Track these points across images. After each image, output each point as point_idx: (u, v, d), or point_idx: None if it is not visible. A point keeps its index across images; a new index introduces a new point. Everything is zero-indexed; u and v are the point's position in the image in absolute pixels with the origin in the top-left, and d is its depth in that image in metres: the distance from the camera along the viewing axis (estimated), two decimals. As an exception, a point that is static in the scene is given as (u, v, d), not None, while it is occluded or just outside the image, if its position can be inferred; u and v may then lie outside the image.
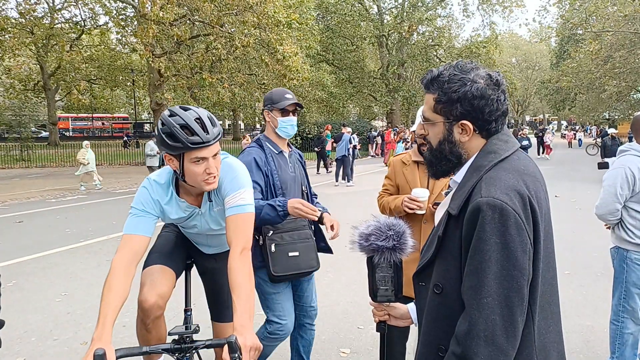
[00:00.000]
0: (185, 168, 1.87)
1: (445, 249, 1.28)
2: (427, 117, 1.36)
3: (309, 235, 2.74)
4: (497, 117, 1.29)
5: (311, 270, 2.71)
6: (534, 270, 1.19)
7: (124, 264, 1.84)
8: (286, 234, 2.64)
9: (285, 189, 2.70)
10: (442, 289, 1.27)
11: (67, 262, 6.27)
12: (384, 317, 1.60)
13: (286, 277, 2.63)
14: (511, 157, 1.28)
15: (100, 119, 51.69)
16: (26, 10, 19.14)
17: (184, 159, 1.86)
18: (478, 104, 1.26)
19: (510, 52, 63.00)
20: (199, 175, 1.88)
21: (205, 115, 1.88)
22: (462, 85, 1.27)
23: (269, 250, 2.59)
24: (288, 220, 2.63)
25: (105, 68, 31.32)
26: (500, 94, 1.29)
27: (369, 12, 35.43)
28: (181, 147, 1.82)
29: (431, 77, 1.33)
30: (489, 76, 1.29)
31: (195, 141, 1.81)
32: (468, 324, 1.16)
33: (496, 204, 1.15)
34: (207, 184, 1.92)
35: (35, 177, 18.32)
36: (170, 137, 1.82)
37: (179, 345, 1.80)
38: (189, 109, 1.87)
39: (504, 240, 1.14)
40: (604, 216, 3.01)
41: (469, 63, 1.32)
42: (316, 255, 2.75)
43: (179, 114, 1.84)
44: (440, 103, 1.30)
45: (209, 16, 16.42)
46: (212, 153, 1.88)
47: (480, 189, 1.21)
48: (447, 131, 1.32)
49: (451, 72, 1.30)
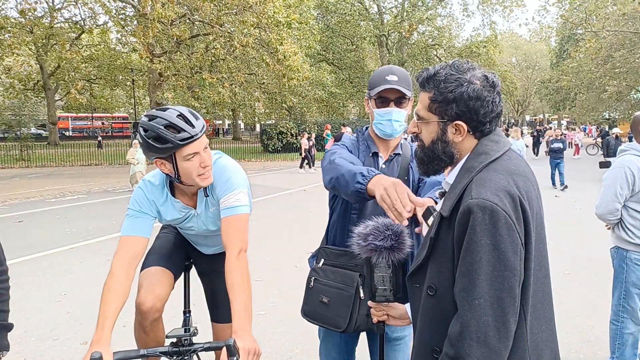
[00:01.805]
0: (180, 167, 1.85)
1: (437, 250, 1.28)
2: (421, 116, 1.35)
3: (353, 280, 1.88)
4: (491, 118, 1.29)
5: (334, 329, 1.93)
6: (526, 270, 1.19)
7: (123, 266, 1.83)
8: (331, 270, 1.96)
9: (361, 208, 1.97)
10: (435, 291, 1.28)
11: (67, 262, 6.27)
12: (383, 317, 1.60)
13: (314, 323, 2.02)
14: (502, 158, 1.28)
15: (100, 119, 51.70)
16: (26, 9, 19.15)
17: (176, 159, 1.83)
18: (474, 105, 1.26)
19: (510, 52, 62.99)
20: (194, 171, 1.86)
21: (186, 111, 1.85)
22: (458, 86, 1.26)
23: (307, 284, 2.02)
24: (343, 252, 1.93)
25: (105, 67, 31.33)
26: (495, 95, 1.29)
27: (368, 12, 35.44)
28: (171, 147, 1.79)
29: (427, 75, 1.33)
30: (485, 77, 1.29)
31: (184, 137, 1.78)
32: (460, 326, 1.17)
33: (486, 205, 1.15)
34: (204, 179, 1.90)
35: (35, 177, 18.32)
36: (157, 140, 1.78)
37: (177, 348, 1.80)
38: (166, 108, 1.84)
39: (495, 241, 1.14)
40: (603, 216, 3.01)
41: (465, 63, 1.31)
42: (351, 311, 1.86)
43: (159, 115, 1.80)
44: (436, 102, 1.30)
45: (209, 16, 16.44)
46: (203, 146, 1.85)
47: (471, 190, 1.21)
48: (441, 131, 1.32)
49: (448, 71, 1.29)
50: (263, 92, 24.04)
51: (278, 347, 3.75)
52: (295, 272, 5.67)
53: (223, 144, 35.76)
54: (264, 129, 31.87)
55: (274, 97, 25.56)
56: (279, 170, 20.51)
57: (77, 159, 24.73)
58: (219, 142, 37.00)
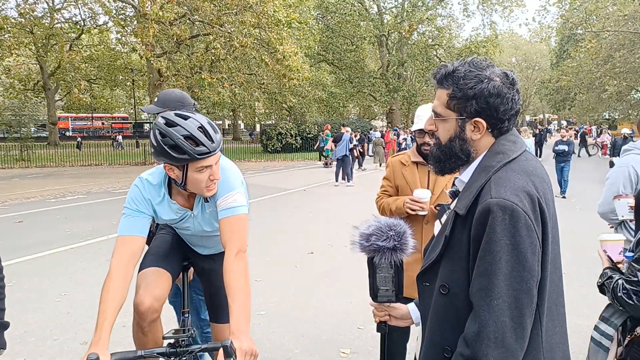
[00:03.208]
0: (189, 177, 1.84)
1: (452, 249, 1.27)
2: (439, 113, 1.33)
3: None
4: (510, 116, 1.28)
5: None
6: (543, 271, 1.19)
7: (121, 266, 1.82)
8: None
9: None
10: (448, 290, 1.26)
11: (67, 262, 6.26)
12: (385, 318, 1.59)
13: None
14: (519, 158, 1.27)
15: (100, 119, 51.71)
16: (26, 10, 19.15)
17: (188, 169, 1.83)
18: (494, 102, 1.25)
19: (510, 52, 62.97)
20: (203, 183, 1.86)
21: (207, 123, 1.83)
22: (478, 82, 1.25)
23: None
24: None
25: (105, 68, 31.36)
26: (515, 93, 1.28)
27: (368, 12, 35.45)
28: (187, 159, 1.77)
29: (445, 72, 1.31)
30: (505, 75, 1.28)
31: (203, 152, 1.77)
32: (478, 326, 1.15)
33: (507, 205, 1.15)
34: (209, 190, 1.90)
35: (35, 177, 18.31)
36: (174, 150, 1.76)
37: (175, 349, 1.79)
38: (187, 117, 1.81)
39: (515, 241, 1.14)
40: (605, 214, 3.01)
41: (483, 60, 1.30)
42: None
43: (179, 123, 1.76)
44: (455, 99, 1.28)
45: (209, 16, 16.45)
46: (216, 160, 1.86)
47: (490, 189, 1.20)
48: (460, 128, 1.30)
49: (467, 68, 1.28)
50: (263, 92, 24.05)
51: (278, 347, 3.74)
52: (295, 272, 5.66)
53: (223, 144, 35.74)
54: (264, 129, 31.89)
55: (274, 97, 25.58)
56: (279, 170, 20.51)
57: (77, 159, 24.75)
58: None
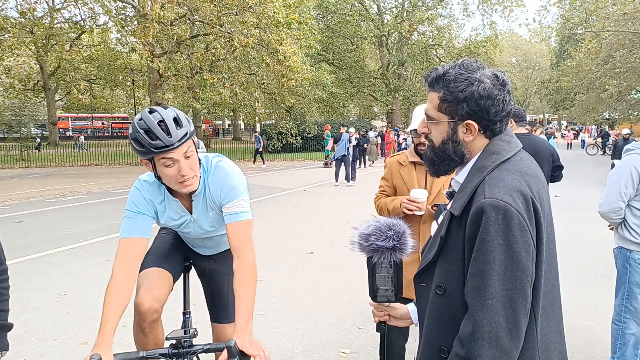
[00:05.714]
0: (159, 171, 1.84)
1: (447, 249, 1.27)
2: (431, 116, 1.34)
3: None
4: (502, 117, 1.28)
5: None
6: (537, 271, 1.19)
7: (125, 269, 1.82)
8: None
9: None
10: (444, 290, 1.27)
11: (67, 262, 6.26)
12: (384, 318, 1.59)
13: None
14: (513, 158, 1.27)
15: (100, 119, 51.70)
16: (26, 9, 19.12)
17: (155, 163, 1.83)
18: (484, 104, 1.25)
19: (510, 52, 62.95)
20: (172, 178, 1.84)
21: (171, 117, 1.80)
22: (468, 85, 1.25)
23: None
24: None
25: (105, 68, 31.36)
26: (506, 94, 1.28)
27: (369, 12, 35.43)
28: (146, 152, 1.78)
29: (436, 75, 1.31)
30: (495, 76, 1.28)
31: (158, 145, 1.75)
32: (472, 326, 1.16)
33: (500, 205, 1.15)
34: (184, 186, 1.88)
35: (35, 177, 18.31)
36: (136, 143, 1.78)
37: (177, 349, 1.78)
38: (155, 110, 1.81)
39: (508, 241, 1.14)
40: (607, 214, 3.01)
41: (474, 62, 1.31)
42: None
43: (144, 118, 1.78)
44: (446, 102, 1.29)
45: (209, 16, 16.44)
46: (181, 154, 1.81)
47: (484, 190, 1.20)
48: (452, 130, 1.31)
49: (457, 70, 1.28)
50: (263, 92, 24.04)
51: (278, 347, 3.74)
52: (295, 272, 5.66)
53: (223, 144, 35.77)
54: (264, 129, 31.87)
55: (273, 97, 25.56)
56: (280, 170, 20.50)
57: (77, 159, 24.74)
58: (219, 142, 37.02)
